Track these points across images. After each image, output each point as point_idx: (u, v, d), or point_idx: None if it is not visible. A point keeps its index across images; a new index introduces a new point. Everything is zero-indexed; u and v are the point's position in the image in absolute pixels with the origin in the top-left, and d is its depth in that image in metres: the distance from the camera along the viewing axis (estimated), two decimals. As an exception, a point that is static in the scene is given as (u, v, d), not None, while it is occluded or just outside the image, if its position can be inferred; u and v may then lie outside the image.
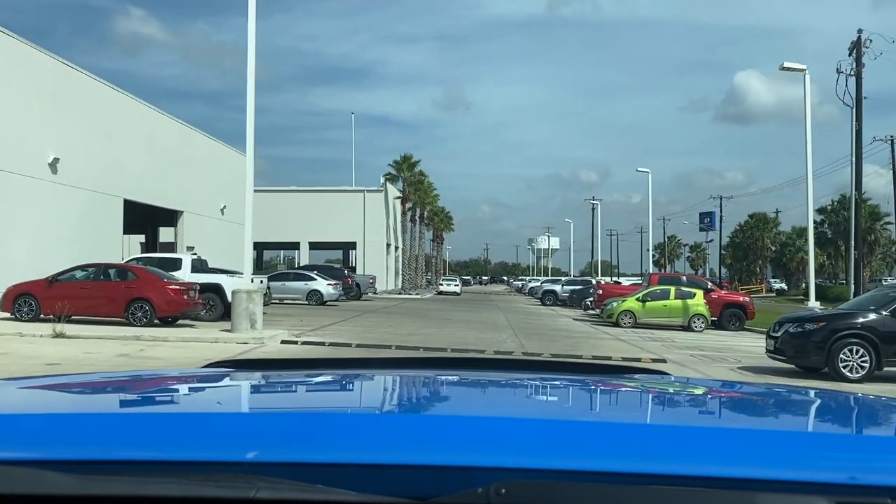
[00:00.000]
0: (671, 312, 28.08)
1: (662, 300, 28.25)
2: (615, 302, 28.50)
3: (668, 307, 28.10)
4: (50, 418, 1.25)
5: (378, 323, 25.38)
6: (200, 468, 0.99)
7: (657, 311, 28.13)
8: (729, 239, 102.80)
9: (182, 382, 1.88)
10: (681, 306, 28.09)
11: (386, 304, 39.16)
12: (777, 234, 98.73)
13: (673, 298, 28.23)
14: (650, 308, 28.12)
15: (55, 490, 0.94)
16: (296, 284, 34.55)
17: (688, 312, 27.92)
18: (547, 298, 48.95)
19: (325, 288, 34.31)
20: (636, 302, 28.25)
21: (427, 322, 26.75)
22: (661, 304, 28.17)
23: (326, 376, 1.97)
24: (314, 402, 1.74)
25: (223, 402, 1.70)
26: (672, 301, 28.15)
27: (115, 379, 2.03)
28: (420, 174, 63.57)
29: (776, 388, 1.96)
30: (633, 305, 28.23)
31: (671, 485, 0.96)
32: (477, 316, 31.87)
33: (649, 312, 28.13)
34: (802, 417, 1.67)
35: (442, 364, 2.23)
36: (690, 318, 27.85)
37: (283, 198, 61.52)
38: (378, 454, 1.04)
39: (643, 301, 28.18)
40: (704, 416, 1.72)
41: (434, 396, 1.82)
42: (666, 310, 28.10)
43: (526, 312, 37.43)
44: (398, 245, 65.34)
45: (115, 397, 1.70)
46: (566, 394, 1.79)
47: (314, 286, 34.33)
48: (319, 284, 34.35)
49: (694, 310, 27.96)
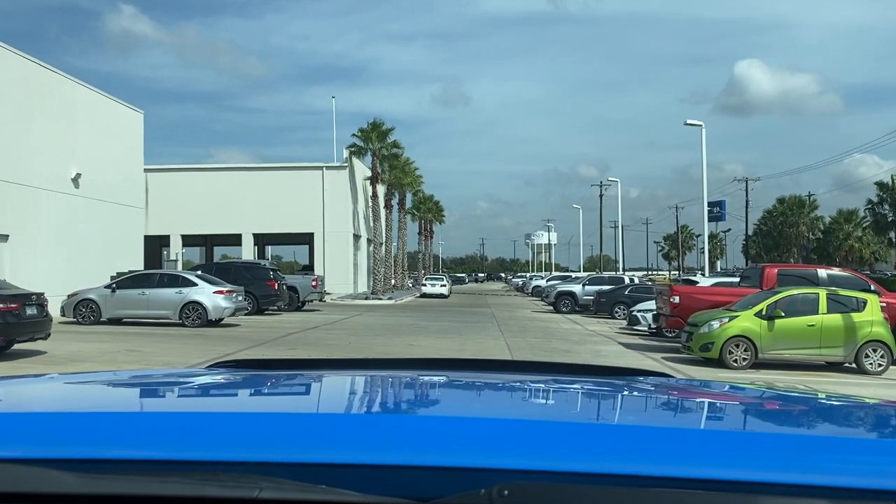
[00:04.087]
0: (823, 339, 14.85)
1: (805, 315, 15.02)
2: (714, 321, 15.18)
3: (818, 328, 14.87)
4: (53, 417, 1.25)
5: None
6: (204, 468, 1.00)
7: (796, 335, 14.88)
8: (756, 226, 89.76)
9: (186, 382, 1.87)
10: (841, 326, 14.86)
11: (325, 321, 25.85)
12: (815, 219, 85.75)
13: (824, 312, 15.00)
14: (784, 331, 14.86)
15: (60, 489, 0.95)
16: (163, 294, 21.21)
17: (854, 338, 14.75)
18: (562, 303, 35.59)
19: (211, 299, 20.93)
20: (756, 320, 14.98)
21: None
22: (803, 324, 14.92)
23: (330, 377, 1.95)
24: (317, 402, 1.75)
25: (227, 402, 1.69)
26: (824, 317, 14.91)
27: (118, 378, 2.01)
28: (394, 145, 49.73)
29: (781, 391, 2.09)
30: (751, 327, 14.95)
31: (675, 487, 0.96)
32: (459, 343, 18.66)
33: (782, 339, 14.88)
34: (807, 421, 1.61)
35: (445, 365, 2.13)
36: (859, 349, 14.70)
37: (218, 178, 48.12)
38: (381, 455, 1.03)
39: (769, 317, 14.92)
40: (708, 418, 1.63)
41: (437, 397, 1.79)
42: (813, 333, 14.87)
43: (540, 330, 24.15)
44: (371, 237, 51.84)
45: (118, 396, 1.69)
46: (569, 396, 1.77)
47: (194, 296, 20.96)
48: (201, 293, 20.96)
49: (866, 332, 14.77)
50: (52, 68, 25.77)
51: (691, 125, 34.14)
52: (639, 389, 1.82)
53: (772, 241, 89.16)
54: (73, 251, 25.70)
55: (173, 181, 47.23)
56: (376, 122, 48.49)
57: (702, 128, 33.83)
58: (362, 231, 53.31)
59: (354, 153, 48.72)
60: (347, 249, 49.02)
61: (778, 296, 15.20)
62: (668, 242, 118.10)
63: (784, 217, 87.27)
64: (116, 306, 21.31)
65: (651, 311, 22.99)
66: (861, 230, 75.67)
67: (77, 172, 26.43)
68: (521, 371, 2.15)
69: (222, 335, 19.09)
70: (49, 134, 25.06)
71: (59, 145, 25.63)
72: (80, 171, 26.52)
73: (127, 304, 21.23)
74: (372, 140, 48.01)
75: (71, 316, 21.47)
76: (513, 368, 2.35)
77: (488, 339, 20.32)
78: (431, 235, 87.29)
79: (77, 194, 26.62)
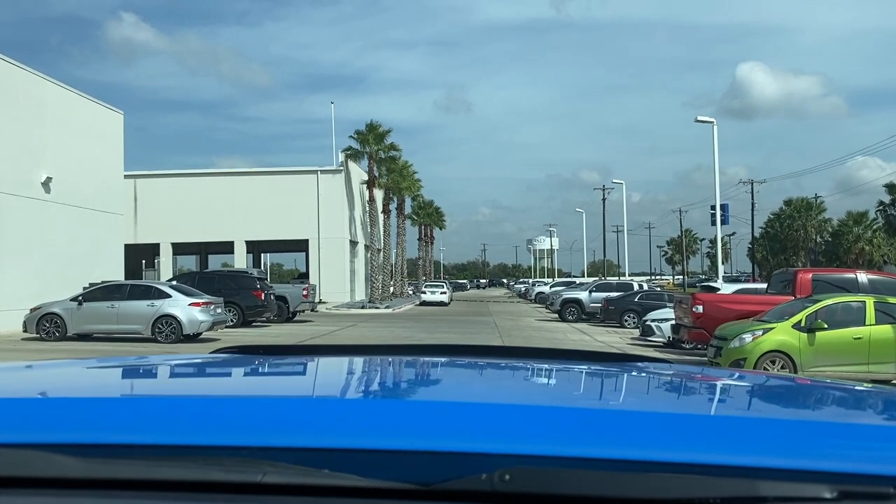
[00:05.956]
0: (871, 353, 13.04)
1: (850, 327, 13.20)
2: (746, 334, 13.34)
3: (865, 341, 13.06)
4: (57, 402, 1.26)
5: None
6: (207, 452, 1.00)
7: (841, 350, 13.07)
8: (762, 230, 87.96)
9: (189, 367, 1.90)
10: (892, 339, 13.06)
11: (314, 333, 24.04)
12: (823, 221, 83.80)
13: (872, 322, 13.18)
14: (827, 345, 13.05)
15: (63, 473, 0.96)
16: (134, 306, 19.35)
17: (907, 352, 12.94)
18: (569, 311, 33.73)
19: (186, 312, 19.06)
20: (794, 332, 13.16)
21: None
22: (848, 337, 13.12)
23: (333, 362, 1.95)
24: (320, 386, 1.71)
25: (230, 387, 1.66)
26: (872, 328, 13.11)
27: (122, 363, 2.01)
28: (392, 147, 47.74)
29: (783, 377, 2.08)
30: (789, 340, 13.13)
31: (676, 472, 0.96)
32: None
33: (825, 354, 13.06)
34: (808, 406, 1.62)
35: (448, 351, 2.14)
36: (913, 365, 12.90)
37: (210, 183, 46.34)
38: (383, 439, 1.03)
39: (809, 329, 13.09)
40: (709, 403, 1.63)
41: (440, 382, 1.81)
42: (860, 347, 13.06)
43: (546, 342, 22.29)
44: (369, 244, 49.94)
45: (122, 381, 1.70)
46: (571, 381, 1.77)
47: (167, 309, 19.09)
48: (176, 306, 19.09)
49: (921, 346, 12.95)
50: (17, 63, 23.95)
51: (702, 121, 32.38)
52: (639, 375, 1.82)
53: (778, 245, 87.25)
54: (42, 261, 23.92)
55: (163, 187, 45.49)
56: (373, 124, 46.62)
57: (713, 124, 32.06)
58: (359, 237, 51.51)
59: (350, 156, 46.93)
60: (344, 256, 47.22)
61: (818, 304, 13.36)
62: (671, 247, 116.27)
63: (791, 220, 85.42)
64: (84, 321, 19.50)
65: (666, 320, 21.19)
66: (871, 232, 73.79)
67: (47, 176, 24.65)
68: (524, 357, 2.13)
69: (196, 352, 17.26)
70: (13, 133, 23.25)
71: (26, 146, 23.83)
72: (50, 175, 24.74)
73: (95, 318, 19.42)
74: (369, 142, 46.12)
75: (34, 331, 19.67)
76: (516, 354, 2.24)
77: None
78: (432, 241, 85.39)
79: (47, 199, 24.83)
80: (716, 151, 31.77)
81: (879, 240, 72.20)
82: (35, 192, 24.28)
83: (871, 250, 72.88)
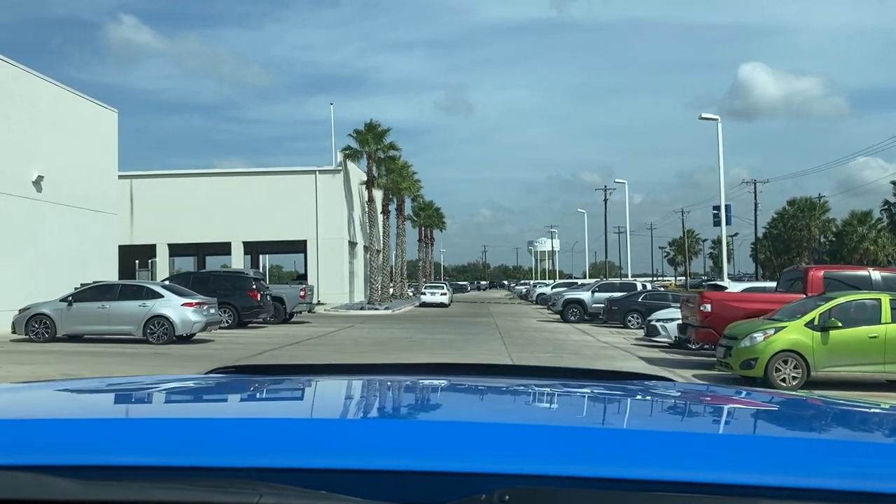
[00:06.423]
0: (887, 352, 12.54)
1: (865, 325, 12.69)
2: (757, 333, 12.83)
3: (881, 340, 12.56)
4: (52, 423, 1.24)
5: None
6: (204, 474, 0.99)
7: (855, 349, 12.57)
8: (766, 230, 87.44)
9: (185, 388, 1.84)
10: (909, 338, 12.54)
11: (311, 334, 23.54)
12: (827, 221, 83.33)
13: (888, 321, 12.67)
14: (841, 344, 12.54)
15: (59, 495, 0.95)
16: (125, 307, 18.86)
17: (924, 351, 12.43)
18: (571, 312, 33.23)
19: (179, 312, 18.57)
20: (807, 331, 12.65)
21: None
22: (863, 336, 12.61)
23: (330, 381, 1.92)
24: (318, 407, 1.70)
25: (226, 408, 1.63)
26: (888, 327, 12.60)
27: (117, 384, 1.92)
28: (392, 147, 47.24)
29: (788, 395, 2.01)
30: (802, 339, 12.62)
31: (678, 492, 0.95)
32: (457, 360, 16.33)
33: (839, 354, 12.56)
34: (813, 424, 1.61)
35: (446, 370, 2.09)
36: (930, 365, 12.39)
37: (206, 184, 45.85)
38: (381, 460, 1.03)
39: (823, 328, 12.58)
40: (712, 422, 1.61)
41: (438, 402, 1.77)
42: (875, 346, 12.55)
43: (548, 343, 21.80)
44: (368, 245, 49.40)
45: (118, 402, 1.66)
46: (570, 400, 1.73)
47: (159, 309, 18.60)
48: (168, 306, 18.59)
49: (938, 345, 12.44)
50: (7, 59, 23.45)
51: (706, 118, 31.90)
52: (641, 393, 1.80)
53: (782, 245, 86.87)
54: (34, 261, 23.42)
55: (159, 188, 45.01)
56: (372, 123, 46.12)
57: (718, 121, 31.59)
58: (358, 238, 51.00)
59: (349, 156, 46.40)
60: (342, 257, 46.70)
61: (832, 302, 12.84)
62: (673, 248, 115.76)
63: (794, 220, 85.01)
64: (74, 321, 19.02)
65: (671, 319, 20.69)
66: (876, 232, 73.28)
67: (38, 174, 24.17)
68: (524, 375, 2.11)
69: (187, 353, 16.77)
70: (2, 131, 22.76)
71: (16, 144, 23.34)
72: (42, 174, 24.26)
73: (85, 318, 18.94)
74: (368, 142, 45.59)
75: (22, 332, 19.19)
76: (516, 373, 2.22)
77: (491, 354, 17.97)
78: (432, 243, 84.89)
79: (39, 198, 24.34)
80: (720, 148, 31.32)
81: (884, 239, 71.77)
82: (26, 190, 23.80)
83: (876, 250, 72.39)
